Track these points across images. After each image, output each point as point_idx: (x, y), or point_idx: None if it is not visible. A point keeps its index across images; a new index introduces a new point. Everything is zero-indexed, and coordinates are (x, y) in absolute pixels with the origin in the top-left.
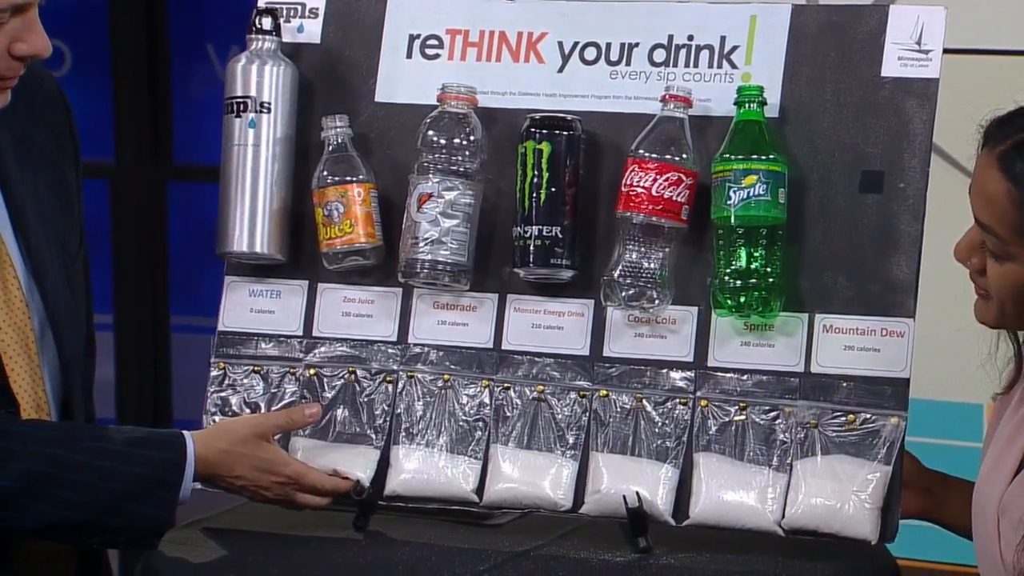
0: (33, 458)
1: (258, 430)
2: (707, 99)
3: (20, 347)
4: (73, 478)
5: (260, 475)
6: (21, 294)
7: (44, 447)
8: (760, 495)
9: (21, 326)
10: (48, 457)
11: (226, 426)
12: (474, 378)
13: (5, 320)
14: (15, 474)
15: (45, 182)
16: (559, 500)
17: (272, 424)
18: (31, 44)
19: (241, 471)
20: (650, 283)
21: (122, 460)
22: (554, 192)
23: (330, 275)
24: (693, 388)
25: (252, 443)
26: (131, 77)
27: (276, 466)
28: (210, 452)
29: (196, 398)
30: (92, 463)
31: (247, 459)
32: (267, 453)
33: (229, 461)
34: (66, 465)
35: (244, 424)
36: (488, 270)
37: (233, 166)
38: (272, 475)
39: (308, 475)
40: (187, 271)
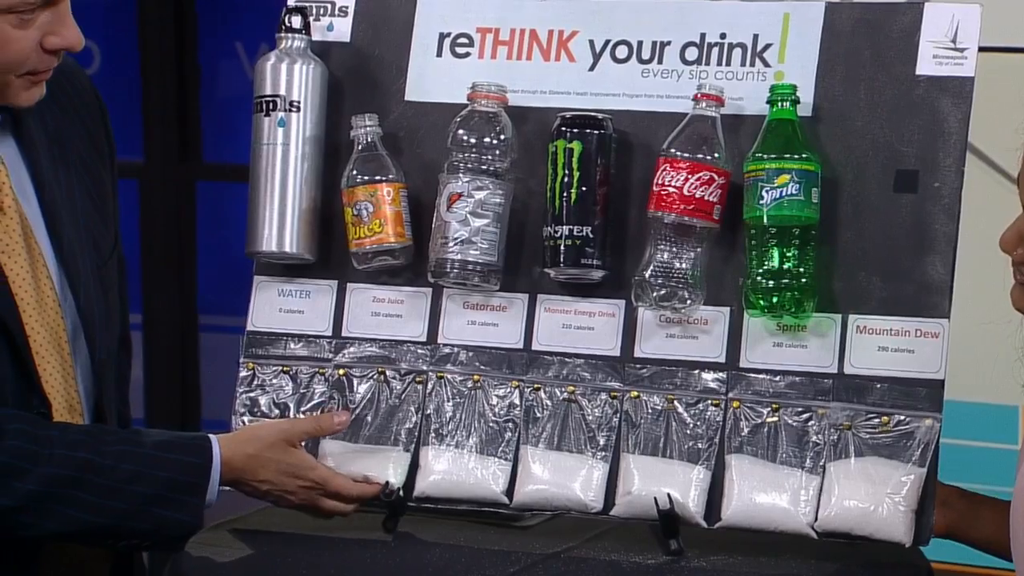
0: (59, 462)
1: (285, 435)
2: (739, 98)
3: (53, 347)
4: (99, 482)
5: (286, 480)
6: (54, 294)
7: (70, 451)
8: (793, 497)
9: (54, 326)
10: (74, 461)
11: (253, 430)
12: (504, 379)
13: (38, 320)
14: (41, 478)
15: (79, 182)
16: (590, 502)
17: (300, 430)
18: (63, 37)
19: (267, 475)
20: (682, 283)
21: (148, 464)
22: (585, 191)
23: (359, 275)
24: (725, 389)
25: (279, 448)
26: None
27: (302, 471)
28: (236, 456)
29: (225, 398)
30: (118, 467)
31: (273, 463)
32: (293, 458)
33: (255, 465)
34: (92, 469)
35: (271, 429)
36: (518, 270)
37: (262, 165)
38: (298, 480)
39: (333, 480)
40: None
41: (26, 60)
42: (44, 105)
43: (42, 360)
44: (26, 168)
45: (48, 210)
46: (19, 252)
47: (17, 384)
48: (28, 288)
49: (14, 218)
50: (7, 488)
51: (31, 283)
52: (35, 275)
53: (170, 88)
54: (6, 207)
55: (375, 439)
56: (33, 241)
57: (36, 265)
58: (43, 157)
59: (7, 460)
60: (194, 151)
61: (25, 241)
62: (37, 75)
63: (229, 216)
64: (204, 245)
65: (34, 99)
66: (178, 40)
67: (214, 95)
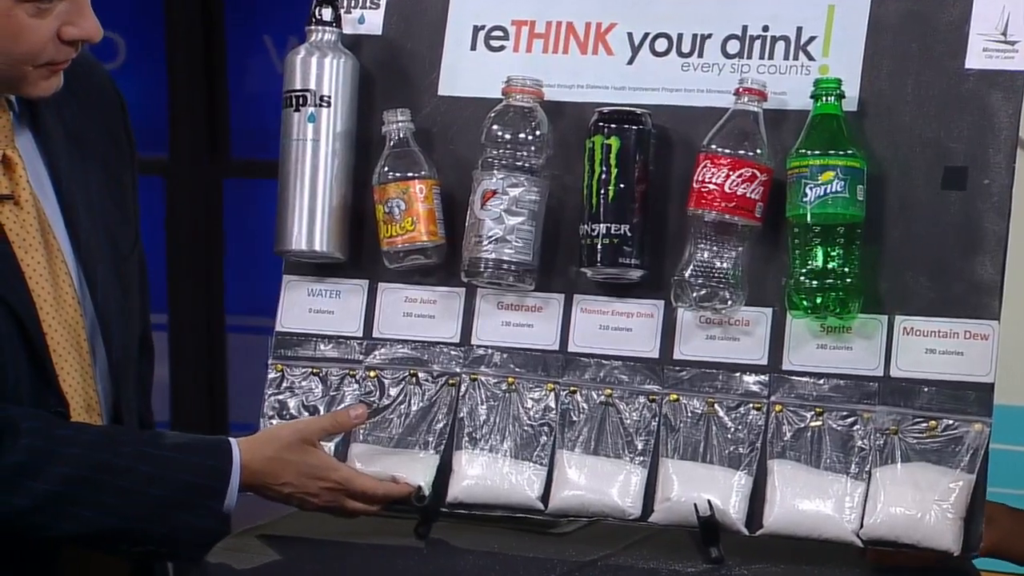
0: (75, 462)
1: (303, 435)
2: (782, 92)
3: (71, 346)
4: (115, 483)
5: (307, 481)
6: (73, 291)
7: (86, 451)
8: (837, 504)
9: (73, 324)
10: (90, 461)
11: (271, 432)
12: (539, 381)
13: (56, 318)
14: (56, 478)
15: (97, 179)
16: (627, 508)
17: (317, 428)
18: (81, 28)
19: (288, 478)
20: (722, 283)
21: (166, 466)
22: (623, 189)
23: (391, 274)
24: (767, 392)
25: (298, 448)
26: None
27: (323, 471)
28: (256, 459)
29: (252, 401)
30: (135, 468)
31: (293, 465)
32: (313, 458)
33: (275, 468)
34: (108, 469)
35: (289, 429)
36: (554, 269)
37: (292, 162)
38: (320, 481)
39: (357, 480)
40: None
41: (43, 51)
42: (62, 100)
43: (59, 358)
44: (43, 162)
45: (66, 205)
46: (36, 247)
47: (34, 383)
48: (46, 284)
49: (31, 212)
50: (22, 488)
51: (49, 279)
52: (53, 271)
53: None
54: (23, 201)
55: (406, 442)
56: (51, 236)
57: (54, 260)
58: (61, 151)
59: (22, 460)
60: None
61: (42, 236)
62: (55, 65)
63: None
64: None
65: (51, 89)
66: (205, 33)
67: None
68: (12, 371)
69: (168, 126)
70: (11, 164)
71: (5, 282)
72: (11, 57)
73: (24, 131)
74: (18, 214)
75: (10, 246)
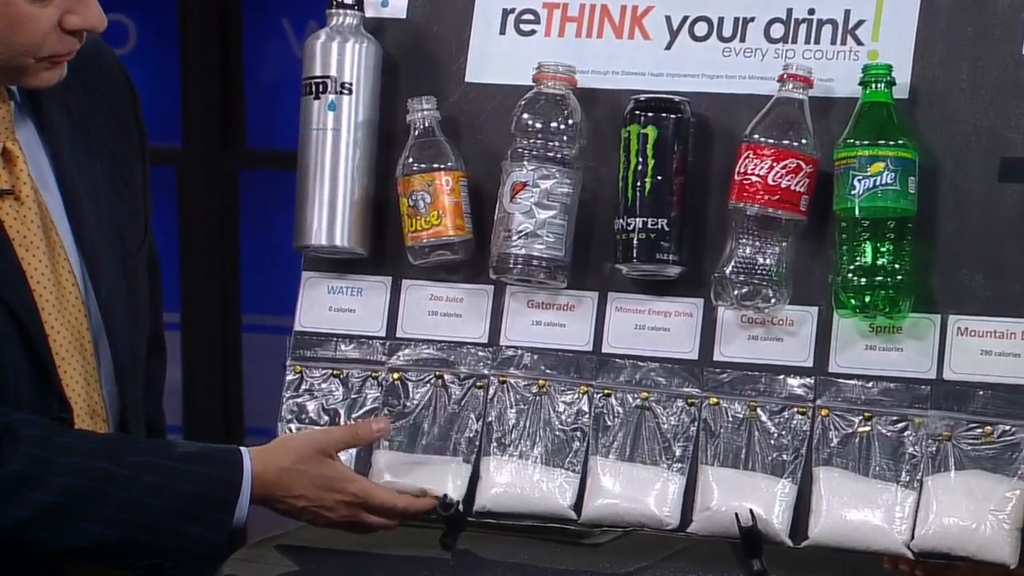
0: (76, 471)
1: (320, 446)
2: (829, 79)
3: (75, 348)
4: (118, 494)
5: (322, 494)
6: (76, 290)
7: (88, 460)
8: (887, 514)
9: (76, 325)
10: (92, 470)
11: (285, 442)
12: (572, 384)
13: (58, 319)
14: (56, 488)
15: (104, 171)
16: (665, 518)
17: (335, 439)
18: (84, 17)
19: (302, 490)
20: (765, 280)
21: (172, 476)
22: (660, 181)
23: (415, 271)
24: (813, 396)
25: (313, 460)
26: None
27: (340, 483)
28: (268, 470)
29: (269, 404)
30: (139, 478)
31: (308, 477)
32: (330, 470)
33: (289, 480)
34: (111, 480)
35: (305, 440)
36: (587, 266)
37: (311, 152)
38: (336, 494)
39: (375, 493)
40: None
41: (44, 41)
42: (67, 88)
43: (63, 361)
44: (46, 154)
45: (69, 199)
46: (37, 244)
47: (36, 387)
48: (48, 283)
49: (32, 208)
50: (21, 498)
51: (51, 278)
52: (55, 269)
53: (211, 68)
54: (24, 196)
55: (432, 449)
56: (53, 233)
57: (56, 258)
58: (65, 143)
59: (21, 469)
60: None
61: (44, 233)
62: (58, 57)
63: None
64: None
65: (53, 80)
66: (220, 16)
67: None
68: (12, 375)
69: (181, 114)
70: (11, 157)
71: (5, 281)
72: (11, 48)
73: (26, 122)
74: (19, 210)
75: (10, 244)
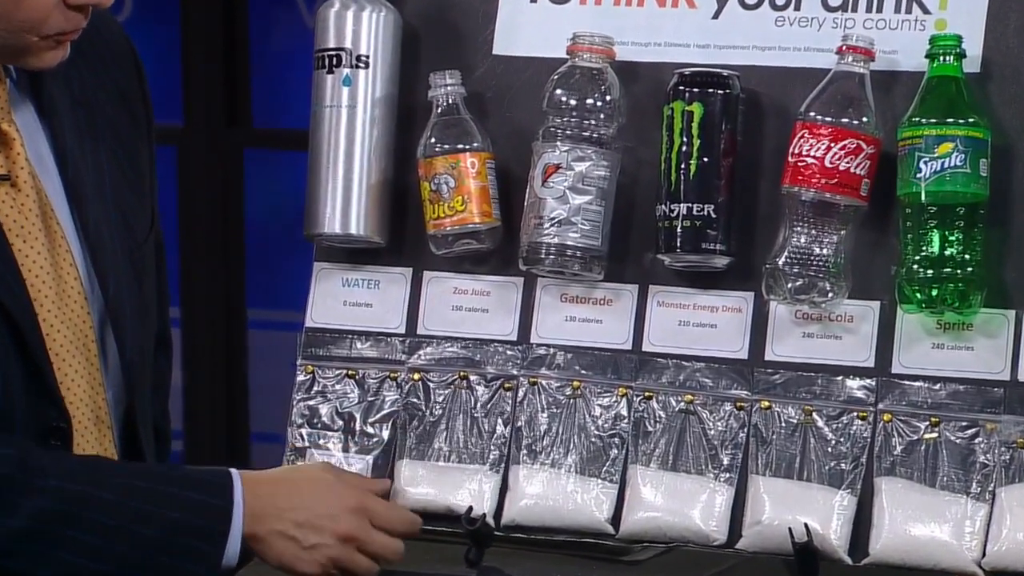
0: (51, 495)
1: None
2: (892, 51)
3: (77, 348)
4: (99, 520)
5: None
6: (79, 284)
7: (65, 482)
8: (956, 529)
9: (78, 323)
10: (69, 494)
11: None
12: (609, 385)
13: (58, 316)
14: (28, 512)
15: (109, 153)
16: (711, 532)
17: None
18: None
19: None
20: (822, 272)
21: (158, 501)
22: (706, 163)
23: (438, 262)
24: (874, 399)
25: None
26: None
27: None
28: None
29: (277, 407)
30: (122, 503)
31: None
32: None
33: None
34: (90, 504)
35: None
36: (626, 256)
37: (324, 131)
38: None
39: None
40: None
41: (47, 18)
42: (69, 63)
43: (62, 364)
44: (46, 137)
45: (71, 185)
46: (36, 235)
47: (30, 394)
48: (47, 278)
49: (30, 195)
50: None
51: (50, 271)
52: (55, 262)
53: (215, 38)
54: (21, 182)
55: (456, 456)
56: (54, 222)
57: (57, 250)
58: (67, 124)
59: None
60: (242, 114)
61: (44, 222)
62: (63, 36)
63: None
64: (253, 225)
65: (56, 60)
66: None
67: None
68: (2, 381)
69: (181, 89)
70: (8, 140)
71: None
72: (12, 23)
73: (24, 102)
74: (15, 197)
75: (4, 234)
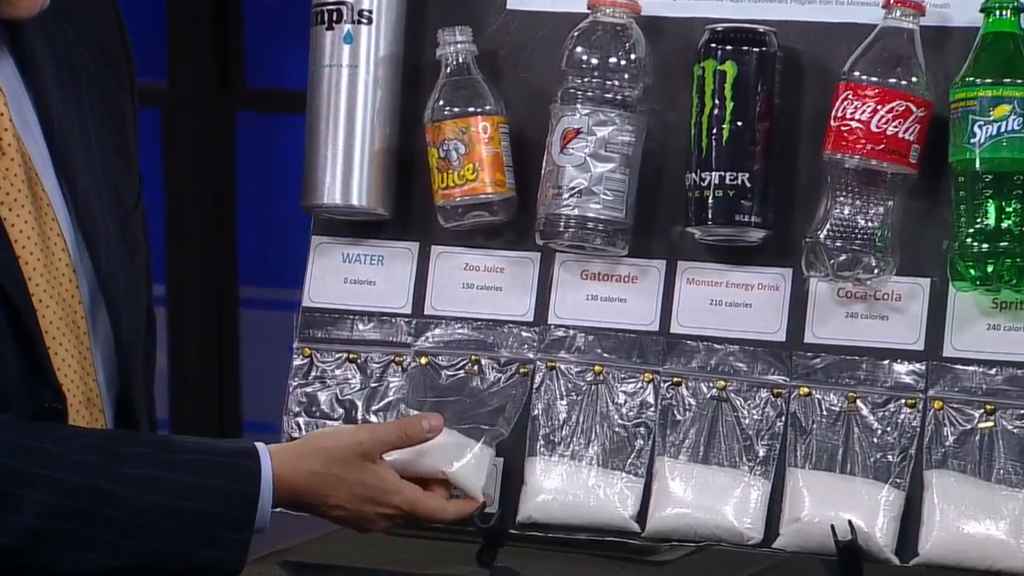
0: (62, 490)
1: (363, 448)
2: (944, 4)
3: (67, 325)
4: (117, 517)
5: (363, 506)
6: (68, 257)
7: (75, 475)
8: (1013, 526)
9: (68, 298)
10: (82, 489)
11: (319, 441)
12: (634, 370)
13: (47, 290)
14: (38, 510)
15: (94, 115)
16: (746, 531)
17: (380, 440)
18: None
19: (338, 499)
20: (867, 247)
21: (179, 494)
22: (740, 127)
23: (447, 235)
24: (924, 385)
25: (355, 465)
26: None
27: (384, 495)
28: (297, 475)
29: (272, 394)
30: (141, 499)
31: (347, 486)
32: (373, 478)
33: (322, 486)
34: (107, 500)
35: (343, 439)
36: (653, 230)
37: (323, 93)
38: (378, 506)
39: (423, 505)
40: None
41: None
42: (49, 16)
43: (53, 341)
44: (29, 97)
45: (58, 150)
46: (22, 203)
47: (24, 373)
48: (34, 249)
49: (15, 159)
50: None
51: (38, 242)
52: (43, 232)
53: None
54: (5, 146)
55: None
56: (40, 189)
57: (44, 219)
58: (51, 83)
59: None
60: (234, 73)
61: (30, 189)
62: None
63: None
64: (246, 195)
65: (36, 8)
66: None
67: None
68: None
69: (167, 45)
70: None
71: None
72: None
73: (5, 59)
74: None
75: None
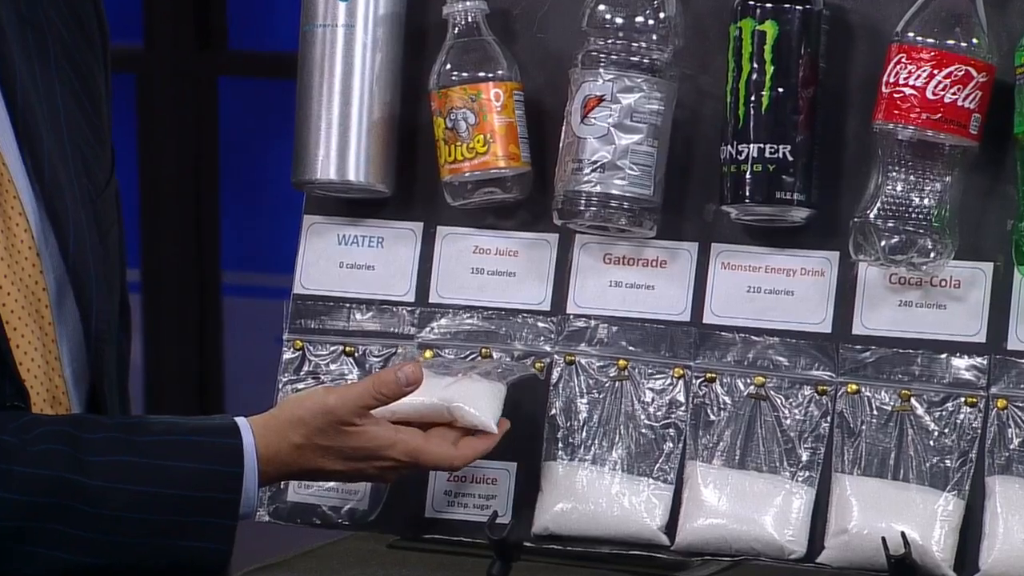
0: (30, 485)
1: (336, 415)
2: None
3: (29, 315)
4: (84, 510)
5: (359, 464)
6: (31, 239)
7: (39, 468)
8: None
9: (31, 286)
10: (46, 482)
11: (293, 410)
12: (663, 365)
13: (7, 276)
14: (7, 509)
15: (63, 82)
16: (787, 543)
17: (353, 405)
18: None
19: (333, 465)
20: (923, 227)
21: (155, 480)
22: (782, 94)
23: (455, 215)
24: (986, 382)
25: (332, 432)
26: None
27: (378, 451)
28: (283, 448)
29: (259, 390)
30: (110, 488)
31: (334, 451)
32: (358, 440)
33: (312, 457)
34: (73, 492)
35: (316, 409)
36: (684, 208)
37: (316, 56)
38: (375, 461)
39: (425, 454)
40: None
41: None
42: None
43: (14, 332)
44: None
45: (21, 119)
46: None
47: None
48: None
49: None
50: None
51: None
52: (3, 211)
53: None
54: None
55: None
56: (0, 165)
57: (4, 196)
58: (15, 49)
59: None
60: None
61: None
62: None
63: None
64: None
65: None
66: None
67: None
68: None
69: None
70: None
71: None
72: None
73: None
74: None
75: None
